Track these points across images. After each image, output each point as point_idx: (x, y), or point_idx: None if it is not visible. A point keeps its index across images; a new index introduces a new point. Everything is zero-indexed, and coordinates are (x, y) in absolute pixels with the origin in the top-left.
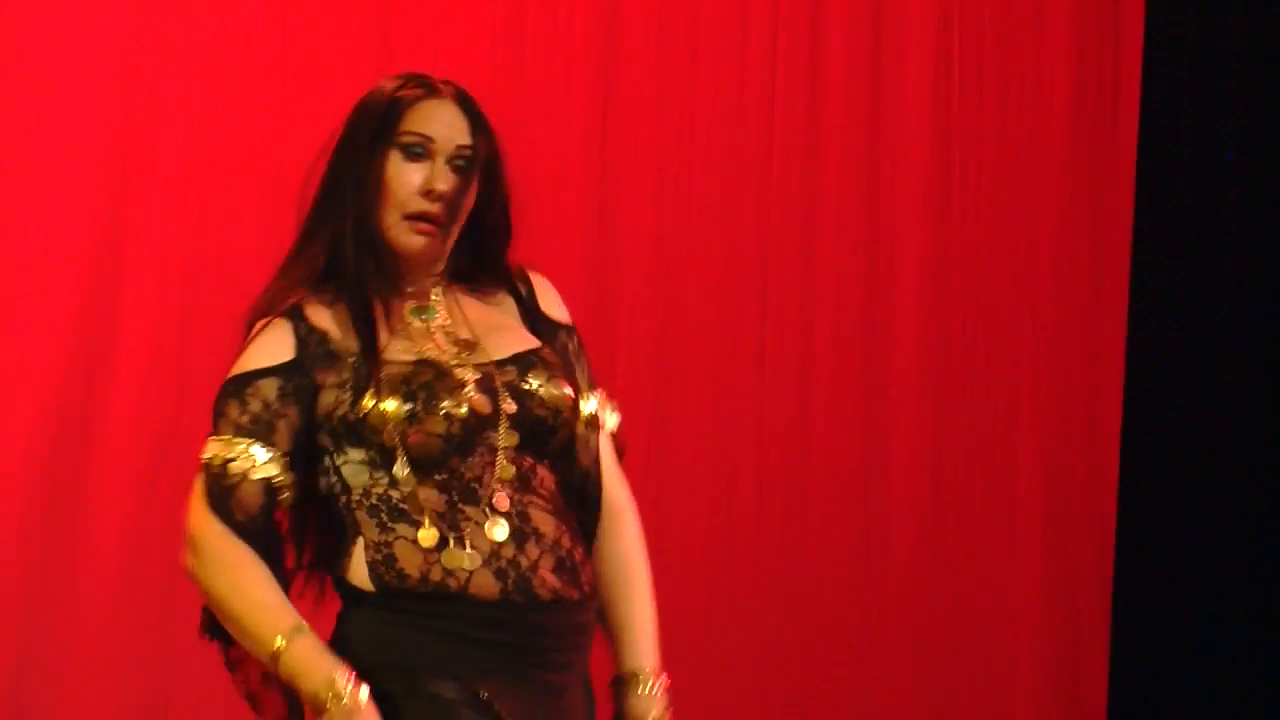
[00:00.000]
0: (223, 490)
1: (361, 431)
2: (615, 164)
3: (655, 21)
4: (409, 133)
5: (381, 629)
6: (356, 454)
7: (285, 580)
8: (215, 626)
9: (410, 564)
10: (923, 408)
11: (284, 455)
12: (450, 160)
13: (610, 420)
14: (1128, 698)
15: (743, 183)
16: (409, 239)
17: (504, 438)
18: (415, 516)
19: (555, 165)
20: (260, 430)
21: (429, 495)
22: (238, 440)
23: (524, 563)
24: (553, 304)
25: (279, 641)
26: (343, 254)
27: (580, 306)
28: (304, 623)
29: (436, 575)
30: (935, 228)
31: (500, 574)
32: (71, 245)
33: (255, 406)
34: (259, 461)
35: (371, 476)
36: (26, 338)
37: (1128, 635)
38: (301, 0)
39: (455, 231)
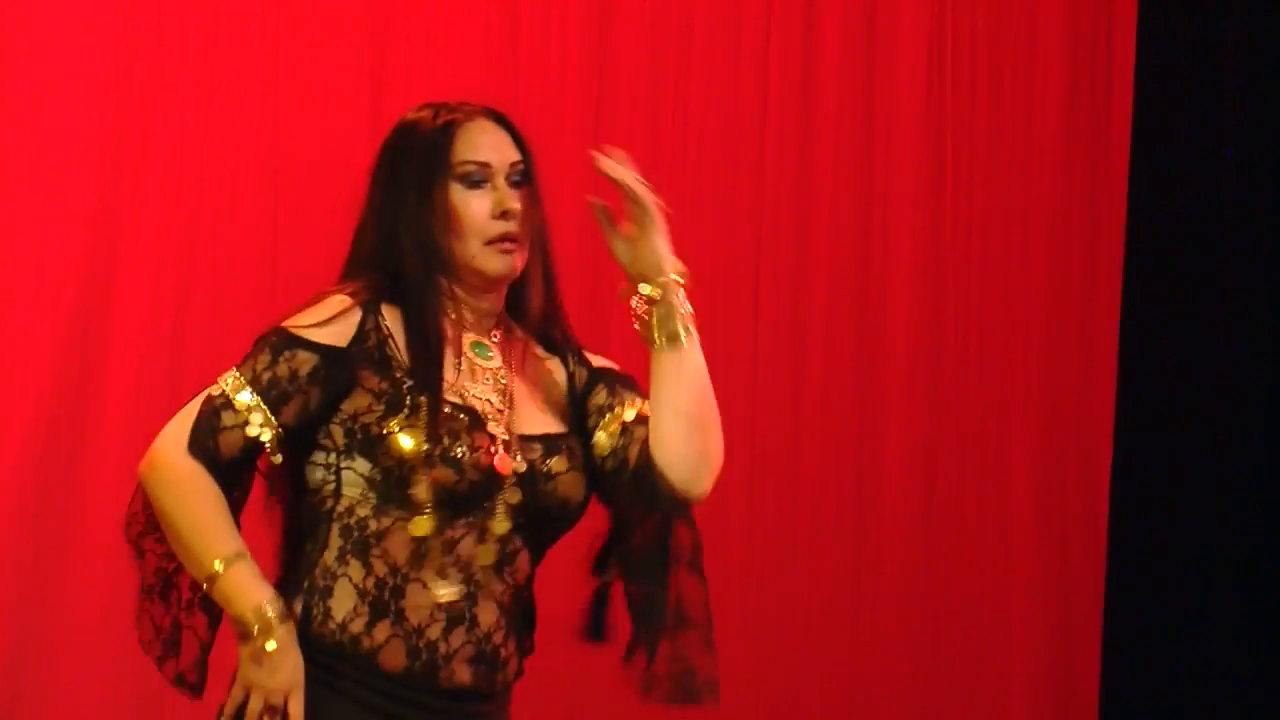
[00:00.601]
0: (211, 429)
1: (377, 449)
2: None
3: (647, 24)
4: (465, 162)
5: None
6: (363, 466)
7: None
8: (138, 539)
9: (340, 607)
10: (916, 409)
11: (280, 429)
12: (509, 179)
13: None
14: (1120, 699)
15: (735, 186)
16: (496, 262)
17: (501, 516)
18: (372, 556)
19: (548, 167)
20: (274, 397)
21: (398, 541)
22: (251, 393)
23: (441, 649)
24: (595, 358)
25: (218, 565)
26: (410, 277)
27: (574, 308)
28: (245, 551)
29: (357, 627)
30: (928, 229)
31: (412, 652)
32: (64, 245)
33: (283, 371)
34: (256, 422)
35: (364, 494)
36: (19, 337)
37: (1120, 637)
38: (295, 2)
39: (529, 245)
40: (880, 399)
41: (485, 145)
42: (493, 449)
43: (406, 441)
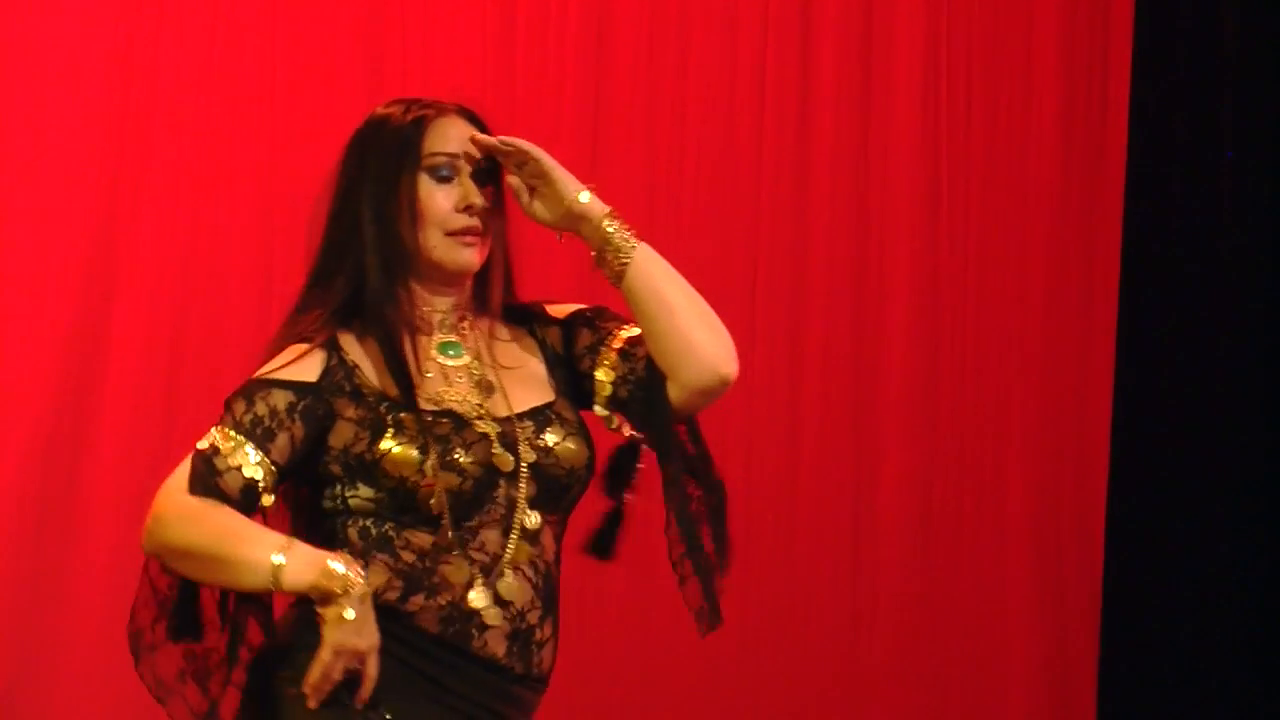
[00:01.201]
0: (209, 473)
1: (375, 473)
2: (605, 177)
3: (645, 37)
4: (434, 154)
5: (316, 626)
6: (367, 492)
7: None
8: (136, 639)
9: (374, 578)
10: (912, 422)
11: (274, 465)
12: (474, 175)
13: None
14: (1116, 712)
15: (732, 198)
16: (457, 254)
17: (524, 491)
18: (398, 548)
19: None
20: (260, 435)
21: (421, 536)
22: (236, 436)
23: (475, 620)
24: (559, 310)
25: (275, 558)
26: (370, 285)
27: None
28: (291, 537)
29: (391, 596)
30: (924, 241)
31: (446, 620)
32: (63, 258)
33: (261, 410)
34: (250, 461)
35: (376, 514)
36: (18, 352)
37: (1116, 648)
38: (292, 9)
39: (490, 242)
40: (876, 416)
41: (455, 139)
42: (491, 449)
43: (400, 458)
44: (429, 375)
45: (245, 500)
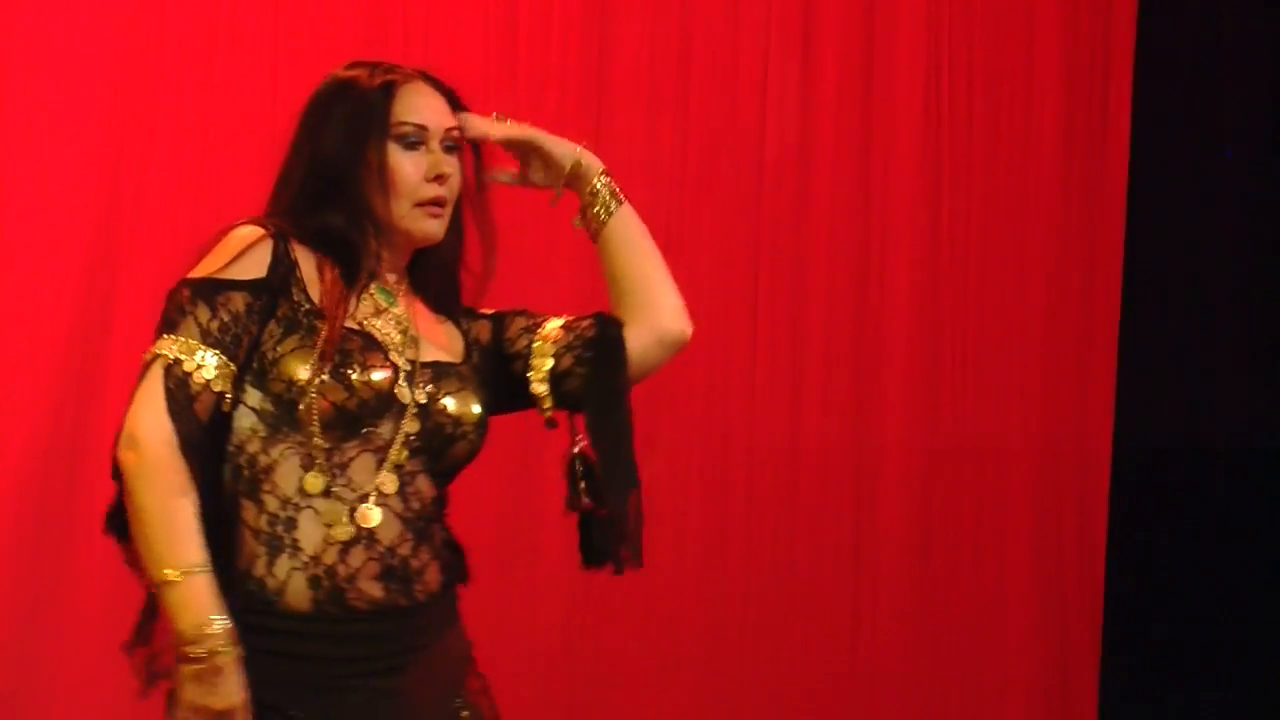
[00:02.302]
0: (185, 397)
1: (269, 374)
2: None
3: (646, 40)
4: (403, 123)
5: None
6: (253, 397)
7: (208, 498)
8: (120, 526)
9: (241, 553)
10: (913, 422)
11: (235, 372)
12: (443, 143)
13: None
14: (1117, 713)
15: (734, 199)
16: (424, 224)
17: (399, 445)
18: (263, 492)
19: None
20: (227, 343)
21: (286, 471)
22: (204, 347)
23: (341, 571)
24: (486, 309)
25: (170, 574)
26: (357, 234)
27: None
28: (208, 566)
29: (258, 573)
30: (925, 244)
31: (314, 581)
32: (64, 259)
33: (225, 316)
34: (219, 374)
35: (253, 428)
36: (19, 352)
37: (1118, 649)
38: (294, 8)
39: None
40: (878, 418)
41: (424, 108)
42: (394, 377)
43: (294, 360)
44: (363, 302)
45: (214, 419)
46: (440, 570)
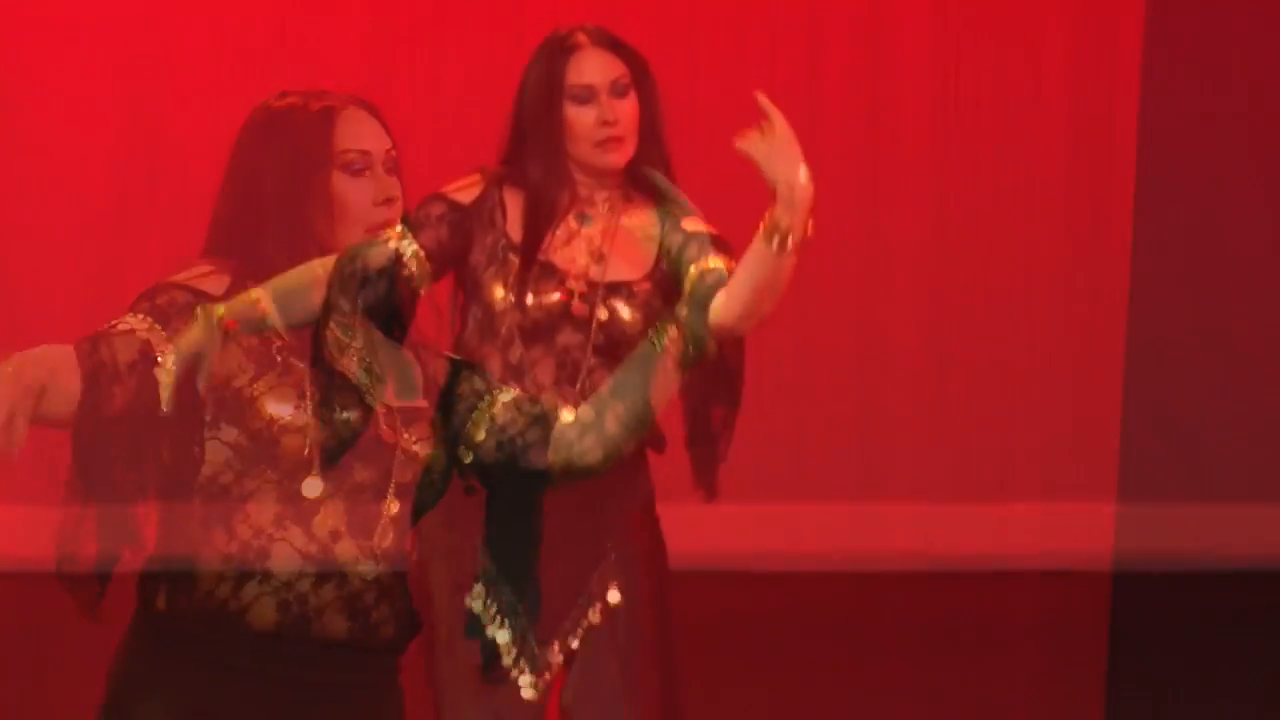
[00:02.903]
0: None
1: (246, 413)
2: None
3: (653, 37)
4: (347, 151)
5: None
6: (230, 432)
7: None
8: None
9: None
10: (914, 422)
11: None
12: (385, 166)
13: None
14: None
15: (737, 200)
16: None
17: (391, 497)
18: (235, 522)
19: None
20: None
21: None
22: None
23: (312, 601)
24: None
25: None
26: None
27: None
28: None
29: (223, 592)
30: (932, 241)
31: (283, 607)
32: (65, 259)
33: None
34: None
35: (227, 462)
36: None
37: (1122, 650)
38: (298, 11)
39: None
40: (881, 416)
41: (365, 134)
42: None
43: (275, 405)
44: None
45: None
46: (401, 534)
